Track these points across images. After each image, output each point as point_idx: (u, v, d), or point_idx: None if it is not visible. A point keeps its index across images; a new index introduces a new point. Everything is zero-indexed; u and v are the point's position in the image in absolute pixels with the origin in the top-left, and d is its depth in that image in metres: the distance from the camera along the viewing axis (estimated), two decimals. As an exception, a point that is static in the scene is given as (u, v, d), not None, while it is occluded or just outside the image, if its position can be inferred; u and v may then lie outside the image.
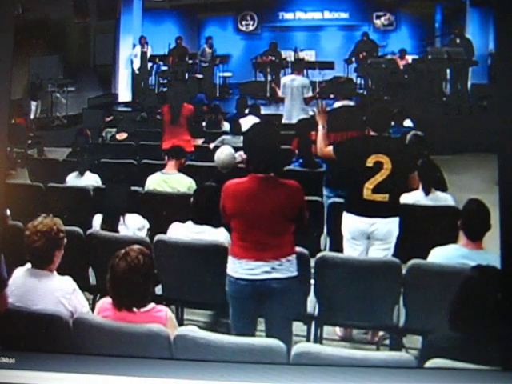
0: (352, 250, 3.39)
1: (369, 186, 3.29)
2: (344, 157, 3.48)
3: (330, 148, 3.53)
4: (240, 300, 2.78)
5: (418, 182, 3.48)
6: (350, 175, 3.48)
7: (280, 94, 6.36)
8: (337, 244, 3.52)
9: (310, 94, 6.18)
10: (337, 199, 3.80)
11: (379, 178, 3.28)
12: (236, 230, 2.80)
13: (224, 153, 4.11)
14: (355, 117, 4.17)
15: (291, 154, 4.62)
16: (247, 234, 2.76)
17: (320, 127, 3.65)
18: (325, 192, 4.07)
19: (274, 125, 2.94)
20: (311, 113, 5.69)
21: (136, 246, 2.60)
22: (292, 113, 6.08)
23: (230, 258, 2.80)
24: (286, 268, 2.74)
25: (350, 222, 3.39)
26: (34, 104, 6.47)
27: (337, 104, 4.48)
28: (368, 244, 3.37)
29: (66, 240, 2.85)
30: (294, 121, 5.79)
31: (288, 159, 4.50)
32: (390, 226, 3.34)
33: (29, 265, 2.82)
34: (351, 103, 4.55)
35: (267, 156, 2.78)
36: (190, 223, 3.32)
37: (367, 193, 3.30)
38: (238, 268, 2.76)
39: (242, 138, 5.23)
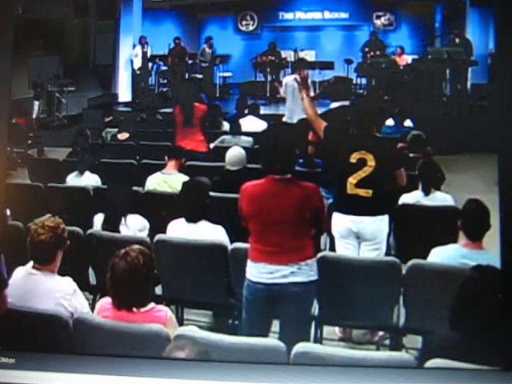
0: (343, 249, 3.39)
1: (352, 180, 3.30)
2: (330, 140, 3.47)
3: (323, 123, 3.50)
4: (255, 303, 2.76)
5: (404, 180, 3.46)
6: (335, 170, 3.50)
7: (282, 93, 6.35)
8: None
9: (312, 94, 6.15)
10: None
11: (362, 174, 3.29)
12: (253, 233, 2.77)
13: (234, 153, 4.17)
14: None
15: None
16: (264, 236, 2.72)
17: (304, 95, 3.63)
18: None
19: (291, 126, 2.90)
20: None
21: (136, 246, 2.60)
22: (293, 112, 6.04)
23: (249, 262, 2.77)
24: (305, 272, 2.72)
25: (338, 221, 3.39)
26: (36, 104, 6.47)
27: (333, 105, 4.48)
28: (358, 244, 3.37)
29: (68, 243, 2.87)
30: (295, 120, 5.74)
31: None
32: (377, 225, 3.34)
33: (29, 265, 2.82)
34: (346, 103, 4.55)
35: (284, 157, 2.74)
36: (183, 220, 3.31)
37: (350, 187, 3.31)
38: (256, 272, 2.73)
39: (241, 137, 5.28)
